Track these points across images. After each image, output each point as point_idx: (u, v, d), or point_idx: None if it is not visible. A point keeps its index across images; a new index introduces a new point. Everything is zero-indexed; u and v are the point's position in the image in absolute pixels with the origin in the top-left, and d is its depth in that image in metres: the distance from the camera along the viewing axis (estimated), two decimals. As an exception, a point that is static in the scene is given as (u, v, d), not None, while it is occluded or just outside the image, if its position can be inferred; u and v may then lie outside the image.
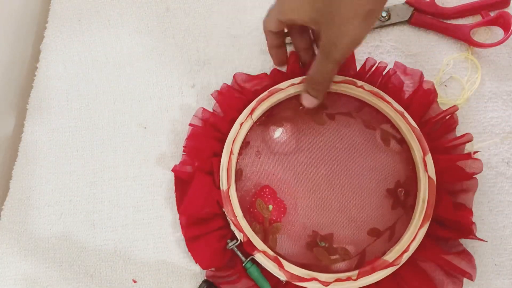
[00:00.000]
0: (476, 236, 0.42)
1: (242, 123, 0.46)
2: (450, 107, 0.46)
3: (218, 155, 0.45)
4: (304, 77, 0.47)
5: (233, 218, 0.43)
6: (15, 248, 0.48)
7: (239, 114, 0.46)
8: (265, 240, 0.44)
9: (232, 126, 0.46)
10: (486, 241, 0.43)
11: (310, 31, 0.47)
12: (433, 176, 0.43)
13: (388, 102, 0.45)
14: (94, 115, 0.51)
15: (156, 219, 0.47)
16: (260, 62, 0.52)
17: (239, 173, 0.47)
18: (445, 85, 0.49)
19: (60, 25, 0.55)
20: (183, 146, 0.47)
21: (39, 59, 0.54)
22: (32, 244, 0.48)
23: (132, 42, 0.54)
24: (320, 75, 0.42)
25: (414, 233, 0.41)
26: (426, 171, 0.43)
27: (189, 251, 0.44)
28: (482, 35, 0.51)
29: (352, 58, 0.48)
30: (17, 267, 0.47)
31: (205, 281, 0.44)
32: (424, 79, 0.48)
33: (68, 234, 0.48)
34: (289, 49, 0.49)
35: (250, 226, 0.43)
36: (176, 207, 0.47)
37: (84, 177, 0.49)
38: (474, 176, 0.43)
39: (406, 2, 0.52)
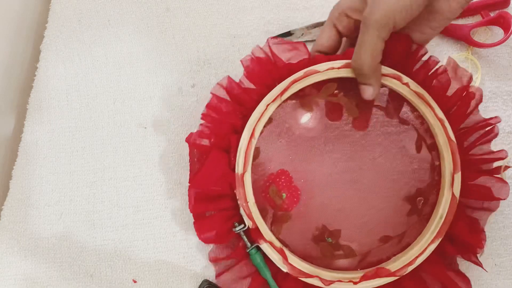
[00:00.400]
0: (478, 262, 0.41)
1: (269, 104, 0.42)
2: (492, 118, 0.43)
3: (238, 132, 0.43)
4: (346, 61, 0.42)
5: (244, 204, 0.41)
6: (15, 248, 0.48)
7: (268, 91, 0.42)
8: (271, 227, 0.43)
9: (258, 103, 0.42)
10: (487, 271, 0.43)
11: None
12: (457, 195, 0.41)
13: (431, 107, 0.42)
14: (94, 115, 0.51)
15: (156, 219, 0.47)
16: (260, 62, 0.51)
17: (256, 152, 0.44)
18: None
19: (60, 25, 0.55)
20: (202, 114, 0.44)
21: (39, 59, 0.54)
22: (32, 244, 0.48)
23: (132, 42, 0.54)
24: (364, 53, 0.39)
25: (424, 247, 0.40)
26: (452, 188, 0.41)
27: (194, 226, 0.43)
28: (482, 35, 0.51)
29: (414, 55, 0.44)
30: (17, 267, 0.47)
31: (205, 281, 0.45)
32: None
33: (68, 234, 0.48)
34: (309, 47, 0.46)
35: (260, 210, 0.42)
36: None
37: (84, 177, 0.49)
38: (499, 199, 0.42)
39: (406, 2, 0.52)
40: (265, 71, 0.44)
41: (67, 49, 0.54)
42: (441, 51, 0.51)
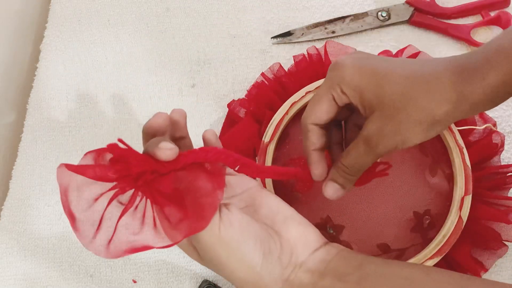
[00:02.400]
0: None
1: (309, 92, 0.45)
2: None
3: (274, 110, 0.45)
4: None
5: None
6: (15, 248, 0.48)
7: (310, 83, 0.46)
8: None
9: (299, 91, 0.45)
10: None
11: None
12: (464, 218, 0.41)
13: (453, 133, 0.43)
14: (94, 115, 0.51)
15: (156, 219, 0.47)
16: (260, 62, 0.51)
17: (285, 135, 0.47)
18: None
19: (60, 25, 0.55)
20: (247, 90, 0.49)
21: (39, 59, 0.54)
22: (32, 244, 0.48)
23: (132, 42, 0.54)
24: (358, 165, 0.35)
25: (420, 261, 0.40)
26: (460, 211, 0.41)
27: None
28: (482, 35, 0.51)
29: None
30: (17, 267, 0.47)
31: (205, 281, 0.45)
32: (497, 129, 0.46)
33: (68, 234, 0.48)
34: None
35: (273, 184, 0.43)
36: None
37: (84, 177, 0.49)
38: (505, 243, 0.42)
39: (406, 2, 0.52)
40: (313, 67, 0.47)
41: (67, 49, 0.54)
42: (441, 51, 0.51)
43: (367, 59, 0.34)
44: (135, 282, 0.46)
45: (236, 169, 0.33)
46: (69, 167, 0.29)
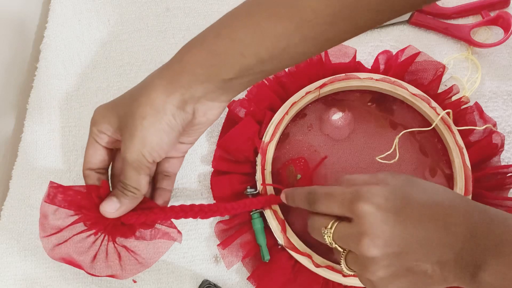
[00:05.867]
0: None
1: (309, 92, 0.46)
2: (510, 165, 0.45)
3: (274, 111, 0.47)
4: (385, 76, 0.46)
5: (261, 170, 0.44)
6: (15, 248, 0.48)
7: (310, 84, 0.47)
8: None
9: (299, 90, 0.47)
10: None
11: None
12: None
13: (453, 133, 0.44)
14: (94, 115, 0.51)
15: (156, 219, 0.47)
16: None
17: (285, 136, 0.48)
18: (445, 85, 0.49)
19: (60, 25, 0.55)
20: (247, 90, 0.48)
21: (39, 59, 0.54)
22: (32, 244, 0.48)
23: (132, 42, 0.54)
24: (130, 182, 0.37)
25: None
26: None
27: (211, 182, 0.46)
28: (482, 35, 0.51)
29: (438, 79, 0.48)
30: (17, 267, 0.47)
31: (205, 281, 0.45)
32: (497, 130, 0.46)
33: (68, 234, 0.48)
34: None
35: (274, 183, 0.45)
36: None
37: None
38: None
39: (406, 2, 0.52)
40: (313, 67, 0.48)
41: (67, 49, 0.54)
42: (441, 51, 0.51)
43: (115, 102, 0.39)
44: (135, 282, 0.46)
45: (198, 217, 0.40)
46: (57, 187, 0.38)
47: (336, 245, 0.35)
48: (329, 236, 0.35)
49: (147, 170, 0.37)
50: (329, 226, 0.35)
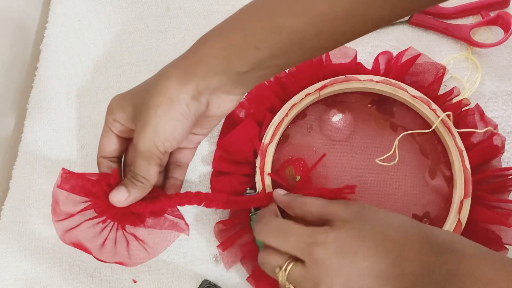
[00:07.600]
0: None
1: (309, 94, 0.46)
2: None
3: (274, 112, 0.47)
4: (385, 78, 0.47)
5: (260, 172, 0.45)
6: (15, 248, 0.48)
7: (310, 85, 0.47)
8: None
9: (299, 92, 0.47)
10: None
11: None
12: (463, 221, 0.42)
13: (453, 136, 0.44)
14: (94, 114, 0.51)
15: (156, 219, 0.47)
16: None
17: (285, 137, 0.48)
18: (445, 85, 0.49)
19: (60, 25, 0.55)
20: (248, 92, 0.47)
21: (39, 59, 0.54)
22: (32, 244, 0.48)
23: (132, 42, 0.54)
24: (140, 171, 0.37)
25: None
26: (459, 215, 0.42)
27: (211, 182, 0.47)
28: (482, 35, 0.51)
29: (438, 81, 0.48)
30: (17, 267, 0.47)
31: (205, 281, 0.45)
32: (498, 131, 0.46)
33: (68, 234, 0.48)
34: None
35: (273, 184, 0.44)
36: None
37: (84, 177, 0.49)
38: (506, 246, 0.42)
39: (406, 2, 0.52)
40: (313, 68, 0.48)
41: (67, 49, 0.54)
42: (441, 51, 0.51)
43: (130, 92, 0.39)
44: (135, 282, 0.46)
45: (203, 205, 0.40)
46: (69, 174, 0.38)
47: (291, 286, 0.35)
48: (283, 277, 0.34)
49: (158, 160, 0.37)
50: (283, 268, 0.34)
